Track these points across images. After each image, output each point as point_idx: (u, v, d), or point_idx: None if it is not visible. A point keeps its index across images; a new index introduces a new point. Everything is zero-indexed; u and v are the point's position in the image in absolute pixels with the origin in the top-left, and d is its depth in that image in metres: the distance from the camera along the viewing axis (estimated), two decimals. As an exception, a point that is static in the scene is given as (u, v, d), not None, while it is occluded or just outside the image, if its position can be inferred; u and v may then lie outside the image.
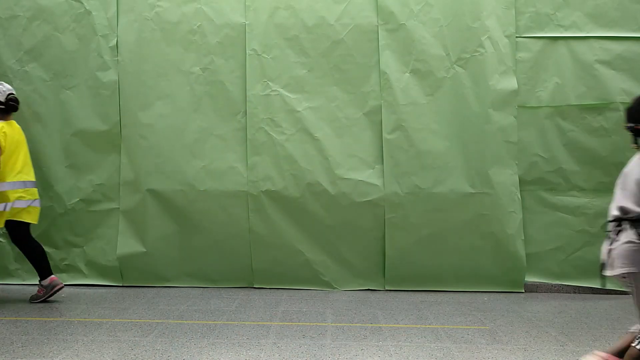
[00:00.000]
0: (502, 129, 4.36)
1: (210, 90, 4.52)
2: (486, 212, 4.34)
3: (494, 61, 4.36)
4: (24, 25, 4.61)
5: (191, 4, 4.52)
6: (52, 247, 4.63)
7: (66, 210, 4.61)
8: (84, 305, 3.88)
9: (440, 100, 4.42)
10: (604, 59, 4.34)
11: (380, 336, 3.16)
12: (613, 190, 2.44)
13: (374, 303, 4.02)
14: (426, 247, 4.40)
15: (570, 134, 4.39)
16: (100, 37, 4.56)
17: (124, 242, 4.53)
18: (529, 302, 4.11)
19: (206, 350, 2.88)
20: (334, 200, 4.40)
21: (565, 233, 4.41)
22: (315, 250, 4.46)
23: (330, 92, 4.47)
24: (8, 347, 2.91)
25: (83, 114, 4.58)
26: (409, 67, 4.44)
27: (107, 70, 4.56)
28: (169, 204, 4.48)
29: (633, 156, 2.39)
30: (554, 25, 4.40)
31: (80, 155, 4.61)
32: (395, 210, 4.39)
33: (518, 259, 4.35)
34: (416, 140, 4.40)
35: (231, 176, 4.48)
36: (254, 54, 4.48)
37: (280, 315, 3.64)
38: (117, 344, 2.98)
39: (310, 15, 4.47)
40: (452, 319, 3.58)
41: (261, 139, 4.46)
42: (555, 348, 2.97)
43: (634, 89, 4.32)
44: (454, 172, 4.39)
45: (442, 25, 4.41)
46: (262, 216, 4.44)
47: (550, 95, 4.40)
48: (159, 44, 4.53)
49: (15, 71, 4.62)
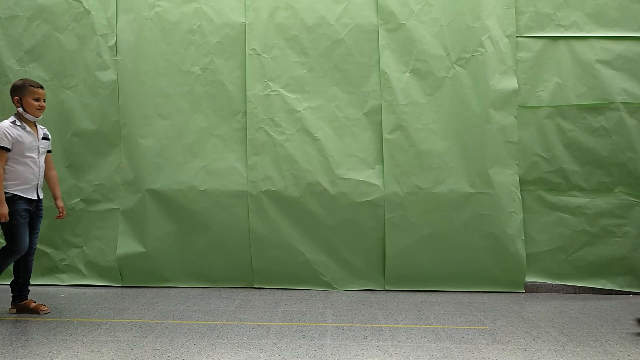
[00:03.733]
0: (503, 128, 4.35)
1: (210, 90, 4.51)
2: (486, 212, 4.34)
3: (494, 61, 4.36)
4: (23, 25, 4.61)
5: (191, 4, 4.52)
6: (52, 247, 4.63)
7: (66, 211, 4.59)
8: (84, 306, 3.88)
9: (440, 100, 4.41)
10: (605, 58, 4.34)
11: (380, 336, 3.16)
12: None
13: (374, 303, 4.02)
14: (426, 247, 4.40)
15: (570, 134, 4.39)
16: (99, 37, 4.56)
17: (123, 242, 4.53)
18: (529, 302, 4.10)
19: (206, 351, 2.87)
20: (334, 200, 4.40)
21: (566, 233, 4.41)
22: (315, 250, 4.46)
23: (330, 92, 4.47)
24: (7, 347, 2.90)
25: (83, 114, 4.58)
26: (409, 67, 4.43)
27: (107, 70, 4.56)
28: (169, 204, 4.48)
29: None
30: (554, 25, 4.40)
31: (80, 155, 4.61)
32: (395, 210, 4.39)
33: (518, 259, 4.35)
34: (416, 140, 4.40)
35: (231, 176, 4.47)
36: (253, 54, 4.48)
37: (280, 315, 3.63)
38: (117, 344, 2.97)
39: (310, 15, 4.46)
40: (452, 319, 3.57)
41: (261, 139, 4.46)
42: (555, 348, 2.96)
43: (635, 89, 4.33)
44: (454, 172, 4.38)
45: (443, 25, 4.41)
46: (262, 216, 4.44)
47: (550, 95, 4.40)
48: (158, 43, 4.53)
49: (15, 71, 4.62)
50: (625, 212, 4.35)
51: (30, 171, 3.51)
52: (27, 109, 3.51)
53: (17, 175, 3.45)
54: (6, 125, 3.42)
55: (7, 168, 3.41)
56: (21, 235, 3.45)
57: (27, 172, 3.49)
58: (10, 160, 3.42)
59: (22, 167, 3.46)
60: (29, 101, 3.50)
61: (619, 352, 2.90)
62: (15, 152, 3.42)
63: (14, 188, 3.44)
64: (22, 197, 3.47)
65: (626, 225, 4.36)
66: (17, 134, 3.43)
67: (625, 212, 4.35)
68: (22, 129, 3.46)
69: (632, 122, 4.32)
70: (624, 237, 4.36)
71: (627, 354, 2.87)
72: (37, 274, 4.62)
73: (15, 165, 3.44)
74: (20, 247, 3.45)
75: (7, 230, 3.44)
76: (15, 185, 3.44)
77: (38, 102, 3.54)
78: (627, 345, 3.03)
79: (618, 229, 4.36)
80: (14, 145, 3.41)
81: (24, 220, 3.48)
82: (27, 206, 3.51)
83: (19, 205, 3.44)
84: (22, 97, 3.50)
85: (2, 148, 3.37)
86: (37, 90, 3.54)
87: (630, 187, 4.34)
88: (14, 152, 3.42)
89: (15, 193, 3.44)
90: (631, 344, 3.05)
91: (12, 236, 3.43)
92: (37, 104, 3.53)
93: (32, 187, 3.54)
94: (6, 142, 3.38)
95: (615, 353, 2.89)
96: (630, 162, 4.32)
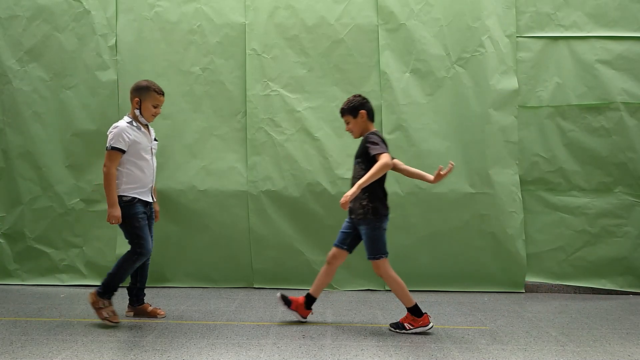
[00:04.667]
0: (503, 128, 4.35)
1: (210, 90, 4.51)
2: (486, 212, 4.34)
3: (494, 61, 4.36)
4: (23, 25, 4.61)
5: (191, 4, 4.52)
6: (52, 248, 4.63)
7: (66, 210, 4.60)
8: (84, 306, 3.87)
9: (440, 100, 4.41)
10: (605, 58, 4.34)
11: (380, 336, 3.15)
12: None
13: (374, 303, 4.01)
14: (426, 247, 4.39)
15: (570, 134, 4.39)
16: (99, 37, 4.56)
17: (123, 242, 4.48)
18: (530, 302, 4.10)
19: (206, 351, 2.87)
20: (334, 200, 4.39)
21: (566, 233, 4.41)
22: (315, 250, 4.46)
23: (330, 92, 4.47)
24: (7, 348, 2.90)
25: (83, 114, 4.58)
26: (409, 67, 4.43)
27: (106, 70, 4.56)
28: (169, 203, 4.47)
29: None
30: (554, 25, 4.40)
31: (79, 155, 4.61)
32: (395, 210, 4.36)
33: (518, 259, 4.35)
34: (416, 140, 4.40)
35: (231, 176, 4.47)
36: (253, 54, 4.48)
37: (280, 315, 3.63)
38: (117, 344, 2.97)
39: (310, 15, 4.46)
40: (453, 319, 3.57)
41: (261, 139, 4.46)
42: (555, 348, 2.96)
43: (635, 89, 4.33)
44: (454, 172, 4.37)
45: (443, 25, 4.41)
46: (262, 216, 4.44)
47: (550, 95, 4.39)
48: (158, 43, 4.53)
49: (15, 71, 4.62)
50: (625, 212, 4.35)
51: (147, 173, 3.37)
52: (143, 113, 3.36)
53: (135, 178, 3.31)
54: (125, 126, 3.26)
55: (125, 171, 3.28)
56: (146, 237, 3.32)
57: (143, 175, 3.35)
58: (128, 163, 3.28)
59: (139, 170, 3.32)
60: (147, 106, 3.35)
61: (619, 352, 2.90)
62: (132, 154, 3.28)
63: (133, 191, 3.30)
64: (140, 200, 3.33)
65: (626, 225, 4.36)
66: (135, 135, 3.28)
67: (625, 212, 4.35)
68: (137, 130, 3.32)
69: (632, 122, 4.32)
70: (624, 237, 4.36)
71: (628, 354, 2.87)
72: (36, 274, 4.63)
73: (132, 168, 3.30)
74: (147, 249, 3.32)
75: (131, 234, 3.31)
76: (133, 189, 3.30)
77: (156, 109, 3.40)
78: (628, 346, 3.02)
79: (618, 229, 4.36)
80: (131, 146, 3.26)
81: (145, 223, 3.35)
82: (144, 209, 3.38)
83: (138, 208, 3.31)
84: (143, 100, 3.34)
85: (118, 150, 3.22)
86: (160, 98, 3.40)
87: (630, 187, 4.34)
88: (131, 154, 3.28)
89: (134, 196, 3.30)
90: (631, 344, 3.05)
91: (138, 239, 3.30)
92: (154, 111, 3.39)
93: (148, 189, 3.42)
94: (122, 143, 3.22)
95: (616, 353, 2.89)
96: (631, 162, 4.32)
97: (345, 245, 3.38)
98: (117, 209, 3.23)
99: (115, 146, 3.22)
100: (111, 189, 3.22)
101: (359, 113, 3.33)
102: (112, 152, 3.22)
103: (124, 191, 3.28)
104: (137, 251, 3.31)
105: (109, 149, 3.23)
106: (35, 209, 4.63)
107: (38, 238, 4.64)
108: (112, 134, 3.25)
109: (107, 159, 3.23)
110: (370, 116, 3.37)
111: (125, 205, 3.27)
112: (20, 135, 4.63)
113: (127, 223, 3.29)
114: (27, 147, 4.62)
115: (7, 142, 4.65)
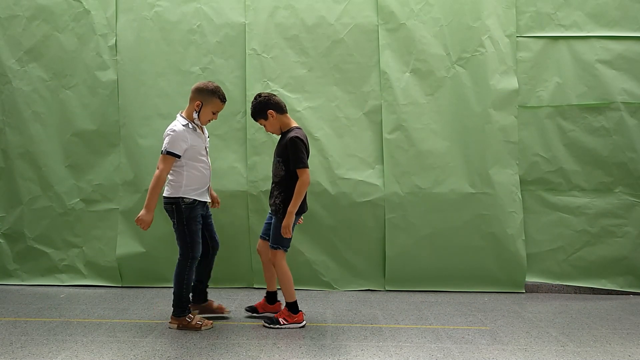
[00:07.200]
0: (503, 128, 4.35)
1: (210, 90, 4.50)
2: (486, 212, 4.34)
3: (494, 61, 4.35)
4: (23, 25, 4.61)
5: (191, 4, 4.52)
6: (52, 248, 4.62)
7: (66, 210, 4.60)
8: (83, 306, 3.87)
9: (440, 100, 4.41)
10: (605, 58, 4.34)
11: (381, 336, 3.15)
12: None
13: (374, 303, 4.01)
14: (426, 247, 4.39)
15: (570, 134, 4.38)
16: (99, 37, 4.55)
17: (123, 242, 4.53)
18: (530, 302, 4.10)
19: (206, 351, 2.87)
20: (334, 200, 4.40)
21: (566, 233, 4.41)
22: (315, 250, 4.45)
23: (330, 92, 4.47)
24: (7, 348, 2.90)
25: (82, 114, 4.58)
26: (409, 67, 4.43)
27: (106, 70, 4.55)
28: (169, 204, 4.47)
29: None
30: (554, 25, 4.39)
31: (79, 155, 4.61)
32: (395, 210, 4.38)
33: (519, 259, 4.34)
34: (416, 140, 4.40)
35: (231, 176, 4.47)
36: (253, 54, 4.48)
37: (280, 315, 3.62)
38: (117, 345, 2.97)
39: (310, 15, 4.46)
40: (453, 319, 3.57)
41: (261, 139, 4.46)
42: (556, 348, 2.96)
43: (635, 89, 4.33)
44: (454, 172, 4.38)
45: (443, 24, 4.41)
46: (262, 216, 4.43)
47: (550, 95, 4.39)
48: (158, 43, 4.52)
49: (15, 71, 4.62)
50: (625, 212, 4.35)
51: (205, 174, 3.34)
52: (201, 116, 3.30)
53: (196, 180, 3.27)
54: (181, 130, 3.19)
55: (185, 174, 3.23)
56: (197, 241, 3.28)
57: (203, 176, 3.31)
58: (187, 166, 3.24)
59: (198, 172, 3.28)
60: (207, 111, 3.30)
61: (619, 352, 2.90)
62: (190, 156, 3.24)
63: (193, 193, 3.26)
64: (200, 202, 3.30)
65: (626, 226, 4.35)
66: (191, 138, 3.23)
67: (625, 212, 4.35)
68: (193, 132, 3.27)
69: (632, 122, 4.32)
70: (624, 237, 4.36)
71: (628, 354, 2.87)
72: (36, 274, 4.63)
73: (192, 170, 3.25)
74: (197, 254, 3.29)
75: (184, 236, 3.26)
76: (194, 190, 3.26)
77: (214, 115, 3.36)
78: (628, 346, 3.02)
79: (618, 229, 4.36)
80: (188, 150, 3.21)
81: (200, 227, 3.32)
82: (202, 211, 3.36)
83: (197, 210, 3.28)
84: (205, 105, 3.27)
85: (173, 155, 3.17)
86: (222, 106, 3.37)
87: (630, 187, 4.33)
88: (189, 157, 3.24)
89: (195, 198, 3.26)
90: (631, 344, 3.05)
91: (192, 243, 3.26)
92: (213, 117, 3.36)
93: (206, 190, 3.38)
94: (179, 149, 3.17)
95: (616, 353, 2.89)
96: (631, 162, 4.32)
97: (267, 236, 3.51)
98: (151, 214, 3.18)
99: (170, 151, 3.17)
100: (155, 193, 3.18)
101: (267, 113, 3.32)
102: (167, 157, 3.18)
103: (186, 193, 3.24)
104: (190, 255, 3.27)
105: (164, 153, 3.18)
106: (35, 209, 4.63)
107: (38, 238, 4.63)
108: (168, 138, 3.18)
109: (160, 162, 3.19)
110: (280, 110, 3.35)
111: (187, 208, 3.24)
112: (20, 135, 4.63)
113: (185, 225, 3.24)
114: (27, 147, 4.62)
115: (7, 142, 4.65)
